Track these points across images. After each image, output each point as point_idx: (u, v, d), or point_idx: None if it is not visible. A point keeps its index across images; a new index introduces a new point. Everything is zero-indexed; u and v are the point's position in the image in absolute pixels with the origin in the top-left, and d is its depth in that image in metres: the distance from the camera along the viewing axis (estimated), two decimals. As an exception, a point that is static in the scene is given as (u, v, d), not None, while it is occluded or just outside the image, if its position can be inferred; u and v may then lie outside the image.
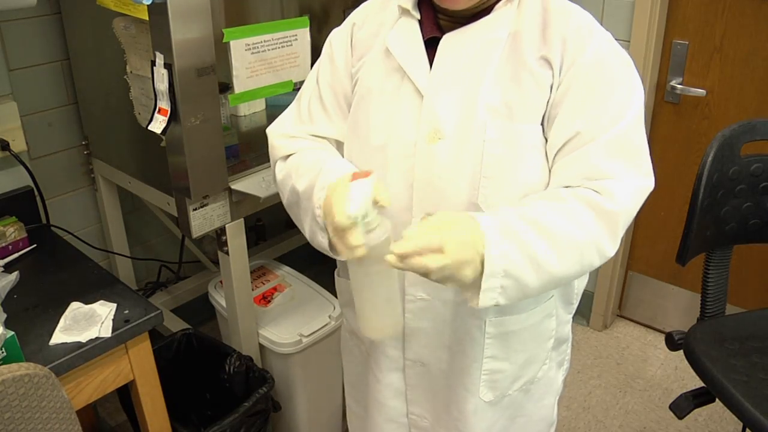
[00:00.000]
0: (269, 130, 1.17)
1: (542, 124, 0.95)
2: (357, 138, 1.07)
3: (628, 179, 0.92)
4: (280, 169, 1.12)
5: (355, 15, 1.11)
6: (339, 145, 1.12)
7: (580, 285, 1.16)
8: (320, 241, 1.00)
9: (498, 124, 0.95)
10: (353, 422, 1.40)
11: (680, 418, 1.60)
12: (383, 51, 1.04)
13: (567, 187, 0.93)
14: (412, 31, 1.02)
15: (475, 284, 0.86)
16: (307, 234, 1.05)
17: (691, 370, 1.57)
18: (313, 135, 1.13)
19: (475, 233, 0.84)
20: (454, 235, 0.83)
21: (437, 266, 0.81)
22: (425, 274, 0.82)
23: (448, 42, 0.98)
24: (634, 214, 0.94)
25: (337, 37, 1.12)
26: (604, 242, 0.91)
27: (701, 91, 2.18)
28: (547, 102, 0.95)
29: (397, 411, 1.21)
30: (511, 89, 0.95)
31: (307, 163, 1.06)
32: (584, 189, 0.91)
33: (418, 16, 1.02)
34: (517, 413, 1.19)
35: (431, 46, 1.00)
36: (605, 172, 0.91)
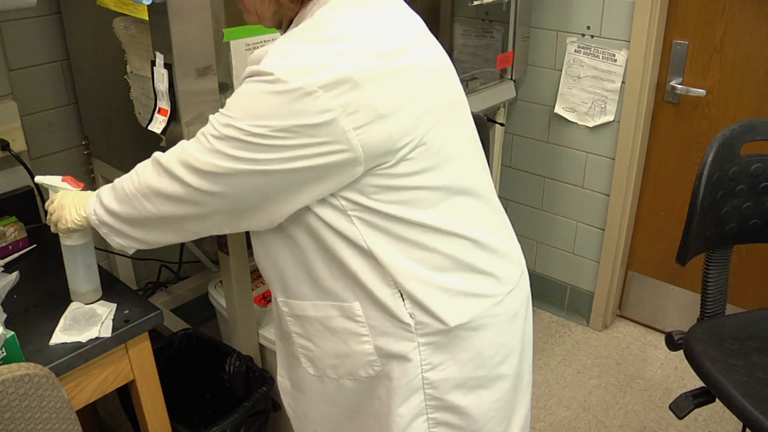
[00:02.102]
0: None
1: None
2: None
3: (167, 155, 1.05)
4: None
5: None
6: None
7: (396, 302, 1.06)
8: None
9: None
10: None
11: (680, 418, 1.60)
12: None
13: None
14: None
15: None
16: None
17: (691, 370, 1.57)
18: None
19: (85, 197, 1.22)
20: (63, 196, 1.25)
21: (50, 212, 1.26)
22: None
23: None
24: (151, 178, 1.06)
25: None
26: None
27: (701, 91, 2.18)
28: None
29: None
30: None
31: None
32: None
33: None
34: (358, 405, 1.19)
35: None
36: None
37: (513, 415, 1.24)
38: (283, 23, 1.09)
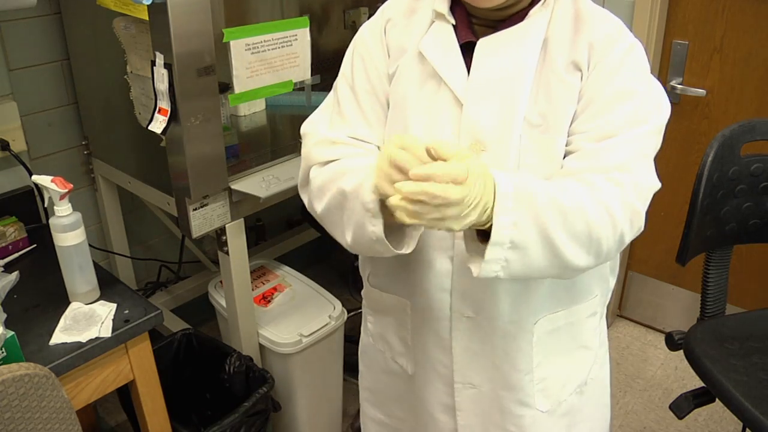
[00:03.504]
0: (305, 132, 1.08)
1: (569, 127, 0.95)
2: None
3: (641, 175, 0.91)
4: (317, 175, 1.01)
5: (388, 10, 1.06)
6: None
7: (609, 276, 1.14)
8: (371, 232, 0.90)
9: (533, 135, 0.94)
10: (370, 427, 1.35)
11: (680, 418, 1.59)
12: (417, 56, 1.00)
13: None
14: (447, 37, 0.99)
15: (476, 250, 0.85)
16: (350, 236, 0.95)
17: (691, 370, 1.57)
18: (352, 138, 1.04)
19: (490, 191, 0.81)
20: (477, 169, 0.78)
21: (457, 197, 0.75)
22: (438, 206, 0.76)
23: (484, 47, 0.96)
24: (644, 210, 0.92)
25: (370, 35, 1.06)
26: (624, 228, 0.89)
27: (701, 91, 2.18)
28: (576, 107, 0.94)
29: (447, 426, 1.17)
30: (544, 100, 0.94)
31: (357, 165, 0.96)
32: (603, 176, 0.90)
33: (453, 21, 0.99)
34: (576, 419, 1.16)
35: (465, 51, 0.98)
36: (621, 166, 0.90)
37: None
38: None
